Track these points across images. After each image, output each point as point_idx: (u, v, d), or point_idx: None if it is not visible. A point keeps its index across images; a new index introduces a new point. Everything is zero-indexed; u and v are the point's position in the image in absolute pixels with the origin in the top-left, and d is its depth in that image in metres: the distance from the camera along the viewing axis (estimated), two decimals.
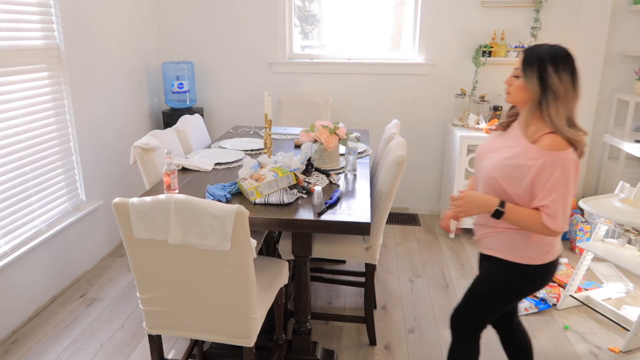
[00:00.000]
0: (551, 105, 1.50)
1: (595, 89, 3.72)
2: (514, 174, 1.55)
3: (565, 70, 1.51)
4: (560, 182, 1.47)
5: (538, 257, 1.60)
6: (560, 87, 1.50)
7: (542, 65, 1.53)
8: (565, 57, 1.54)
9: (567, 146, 1.48)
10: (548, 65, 1.52)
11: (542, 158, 1.48)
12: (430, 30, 3.82)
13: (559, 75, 1.50)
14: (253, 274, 1.68)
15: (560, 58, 1.53)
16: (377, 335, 2.52)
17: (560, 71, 1.51)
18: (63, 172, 2.96)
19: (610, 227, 2.68)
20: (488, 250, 1.70)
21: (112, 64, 3.41)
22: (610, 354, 2.42)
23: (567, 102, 1.51)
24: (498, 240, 1.65)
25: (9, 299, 2.53)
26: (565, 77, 1.50)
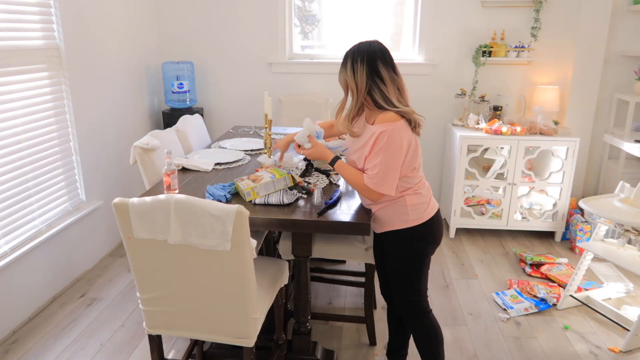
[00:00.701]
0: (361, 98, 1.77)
1: (595, 89, 3.72)
2: (359, 153, 1.81)
3: (362, 65, 1.73)
4: (387, 151, 1.68)
5: (419, 217, 1.82)
6: (353, 81, 1.74)
7: (344, 65, 1.80)
8: (363, 52, 1.76)
9: (399, 119, 1.71)
10: (348, 63, 1.78)
11: (374, 131, 1.72)
12: (430, 30, 3.82)
13: (354, 72, 1.74)
14: (253, 274, 1.68)
15: (358, 55, 1.76)
16: (377, 335, 2.52)
17: (357, 66, 1.74)
18: (63, 172, 2.96)
19: (610, 227, 2.68)
20: (381, 227, 1.89)
21: (112, 64, 3.41)
22: (610, 354, 2.42)
23: (383, 89, 1.72)
24: (383, 215, 1.86)
25: (9, 299, 2.53)
26: (361, 71, 1.73)
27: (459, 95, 3.81)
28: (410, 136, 1.74)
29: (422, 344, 1.99)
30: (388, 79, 1.73)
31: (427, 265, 1.91)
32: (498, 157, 3.60)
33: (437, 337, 1.97)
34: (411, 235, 1.84)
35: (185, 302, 1.76)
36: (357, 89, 1.75)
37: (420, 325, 1.96)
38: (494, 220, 3.65)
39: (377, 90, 1.72)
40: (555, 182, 3.54)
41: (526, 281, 3.05)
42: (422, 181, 1.87)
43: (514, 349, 2.46)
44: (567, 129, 3.70)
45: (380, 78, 1.72)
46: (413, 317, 1.97)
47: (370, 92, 1.74)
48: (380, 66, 1.72)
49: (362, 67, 1.72)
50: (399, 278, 1.92)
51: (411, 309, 1.95)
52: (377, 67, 1.72)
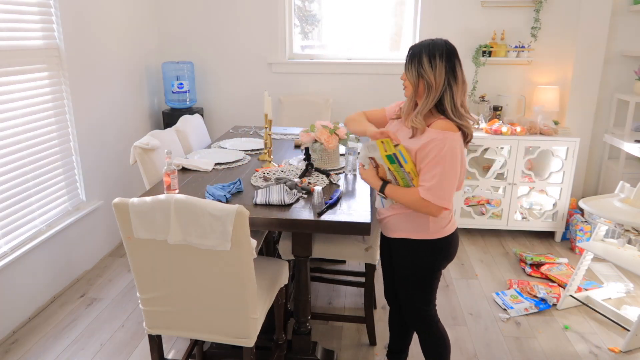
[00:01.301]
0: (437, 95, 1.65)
1: (595, 89, 3.72)
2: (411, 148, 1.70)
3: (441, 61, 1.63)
4: (442, 162, 1.60)
5: (440, 231, 1.76)
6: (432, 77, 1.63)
7: (419, 59, 1.66)
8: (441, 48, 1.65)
9: (455, 129, 1.63)
10: (424, 57, 1.65)
11: (435, 137, 1.61)
12: (430, 30, 3.81)
13: (432, 67, 1.63)
14: (253, 274, 1.68)
15: (436, 50, 1.64)
16: (377, 335, 2.52)
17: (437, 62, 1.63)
18: (63, 172, 2.96)
19: (610, 227, 2.68)
20: (395, 232, 1.82)
21: (112, 64, 3.41)
22: (610, 354, 2.42)
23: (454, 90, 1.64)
24: (404, 222, 1.78)
25: (9, 299, 2.53)
26: (440, 67, 1.63)
27: None
28: (463, 149, 1.68)
29: (429, 352, 1.97)
30: (460, 80, 1.66)
31: (438, 278, 1.87)
32: (498, 157, 3.60)
33: (445, 345, 1.95)
34: (427, 248, 1.78)
35: (185, 302, 1.76)
36: (435, 86, 1.64)
37: (428, 334, 1.94)
38: (494, 220, 3.65)
39: (449, 91, 1.64)
40: (555, 182, 3.54)
41: (526, 281, 3.05)
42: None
43: (514, 349, 2.46)
44: (567, 129, 3.70)
45: (455, 78, 1.64)
46: (421, 325, 1.94)
47: (443, 91, 1.64)
48: (457, 65, 1.66)
49: (441, 63, 1.62)
50: (409, 286, 1.88)
51: (419, 317, 1.92)
52: (454, 65, 1.64)
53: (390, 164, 1.69)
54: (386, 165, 1.71)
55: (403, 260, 1.85)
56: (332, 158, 2.45)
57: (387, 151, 1.67)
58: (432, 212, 1.65)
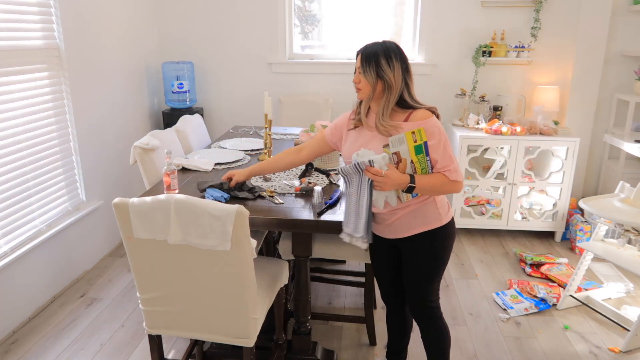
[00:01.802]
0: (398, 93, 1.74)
1: (595, 89, 3.72)
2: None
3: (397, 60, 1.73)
4: (445, 143, 1.71)
5: (445, 216, 1.82)
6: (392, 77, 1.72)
7: (377, 61, 1.73)
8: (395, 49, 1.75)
9: (431, 114, 1.74)
10: (381, 59, 1.72)
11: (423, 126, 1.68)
12: (430, 30, 3.82)
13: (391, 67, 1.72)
14: (253, 274, 1.68)
15: (391, 51, 1.74)
16: (377, 335, 2.52)
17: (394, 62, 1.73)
18: (63, 172, 2.96)
19: (610, 227, 2.68)
20: (407, 232, 1.81)
21: (112, 64, 3.41)
22: (610, 354, 2.42)
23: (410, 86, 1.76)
24: (412, 219, 1.79)
25: (9, 299, 2.53)
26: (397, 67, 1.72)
27: (459, 95, 3.81)
28: None
29: (432, 346, 1.97)
30: (411, 76, 1.78)
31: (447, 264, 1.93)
32: (498, 157, 3.60)
33: (448, 338, 1.96)
34: (444, 233, 1.82)
35: (185, 302, 1.76)
36: (394, 85, 1.73)
37: (435, 328, 1.94)
38: (494, 220, 3.65)
39: (406, 87, 1.75)
40: (555, 182, 3.54)
41: (526, 281, 3.05)
42: None
43: (514, 349, 2.46)
44: (567, 129, 3.70)
45: (409, 74, 1.76)
46: (428, 319, 1.94)
47: (402, 89, 1.75)
48: (408, 62, 1.77)
49: (397, 62, 1.73)
50: (422, 281, 1.87)
51: (427, 310, 1.92)
52: (407, 63, 1.76)
53: (416, 154, 1.69)
54: (410, 158, 1.69)
55: (421, 254, 1.84)
56: (332, 158, 2.45)
57: (418, 141, 1.67)
58: (458, 189, 1.76)
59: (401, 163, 1.71)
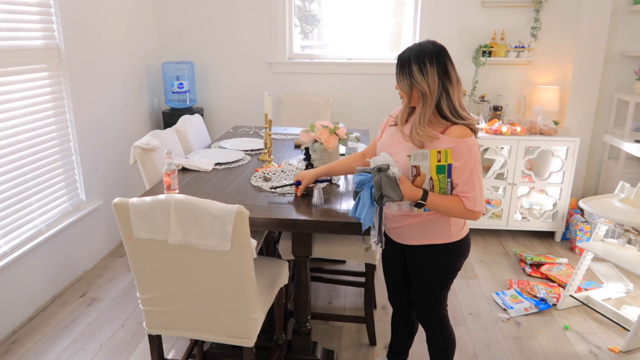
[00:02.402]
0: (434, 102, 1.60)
1: (595, 89, 3.72)
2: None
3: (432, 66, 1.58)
4: (473, 168, 1.58)
5: (459, 232, 1.75)
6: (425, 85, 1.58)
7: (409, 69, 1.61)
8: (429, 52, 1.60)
9: (470, 133, 1.60)
10: (414, 65, 1.60)
11: (455, 145, 1.58)
12: (430, 30, 3.81)
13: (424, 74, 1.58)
14: (253, 274, 1.68)
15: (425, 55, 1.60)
16: (377, 335, 2.52)
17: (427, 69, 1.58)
18: (63, 172, 2.96)
19: (610, 227, 2.68)
20: (413, 240, 1.77)
21: (112, 63, 3.41)
22: (610, 354, 2.42)
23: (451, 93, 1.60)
24: (422, 229, 1.74)
25: (9, 299, 2.53)
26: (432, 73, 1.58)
27: None
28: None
29: (437, 351, 1.95)
30: (455, 80, 1.62)
31: (455, 277, 1.87)
32: (498, 157, 3.60)
33: (454, 345, 1.93)
34: (451, 250, 1.76)
35: (185, 302, 1.76)
36: (429, 93, 1.59)
37: (442, 336, 1.91)
38: (494, 220, 3.65)
39: (445, 94, 1.60)
40: (555, 182, 3.54)
41: (526, 281, 3.05)
42: None
43: (514, 349, 2.46)
44: (567, 129, 3.70)
45: (450, 80, 1.60)
46: (434, 326, 1.91)
47: (439, 96, 1.60)
48: (449, 66, 1.61)
49: (432, 68, 1.58)
50: (427, 291, 1.85)
51: (434, 318, 1.90)
52: (446, 67, 1.60)
53: (437, 173, 1.62)
54: (429, 175, 1.63)
55: (425, 266, 1.80)
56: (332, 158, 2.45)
57: (442, 161, 1.59)
58: (473, 217, 1.64)
59: (419, 177, 1.64)
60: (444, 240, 1.74)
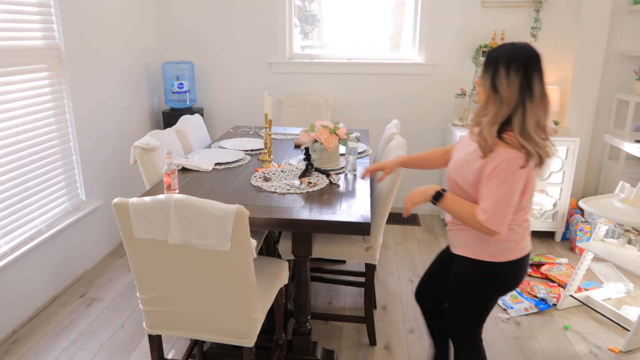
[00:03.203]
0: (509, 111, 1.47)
1: (595, 89, 3.72)
2: (465, 165, 1.58)
3: (517, 73, 1.45)
4: (502, 184, 1.46)
5: (501, 255, 1.59)
6: (505, 90, 1.46)
7: (495, 69, 1.49)
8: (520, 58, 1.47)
9: (521, 151, 1.44)
10: (500, 67, 1.48)
11: (499, 154, 1.46)
12: (430, 30, 3.82)
13: (508, 79, 1.46)
14: (253, 274, 1.68)
15: (515, 59, 1.47)
16: (377, 335, 2.52)
17: (511, 74, 1.46)
18: (63, 172, 2.96)
19: (610, 227, 2.68)
20: (454, 248, 1.73)
21: (112, 63, 3.41)
22: (610, 354, 2.42)
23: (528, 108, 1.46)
24: (462, 238, 1.67)
25: (9, 299, 2.53)
26: (514, 81, 1.45)
27: (459, 95, 3.81)
28: (530, 172, 1.50)
29: None
30: (538, 96, 1.46)
31: (494, 302, 1.71)
32: None
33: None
34: (483, 271, 1.63)
35: (185, 302, 1.76)
36: (507, 99, 1.47)
37: (468, 357, 1.77)
38: None
39: (522, 108, 1.45)
40: (555, 182, 3.54)
41: (526, 281, 3.05)
42: (521, 218, 1.60)
43: (514, 349, 2.46)
44: (567, 129, 3.70)
45: (531, 93, 1.45)
46: (463, 345, 1.78)
47: (514, 108, 1.46)
48: (536, 79, 1.46)
49: (516, 75, 1.45)
50: (458, 305, 1.74)
51: (462, 336, 1.77)
52: (532, 80, 1.45)
53: None
54: None
55: (458, 278, 1.70)
56: (332, 158, 2.45)
57: None
58: (487, 232, 1.53)
59: None
60: (478, 257, 1.61)
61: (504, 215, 1.48)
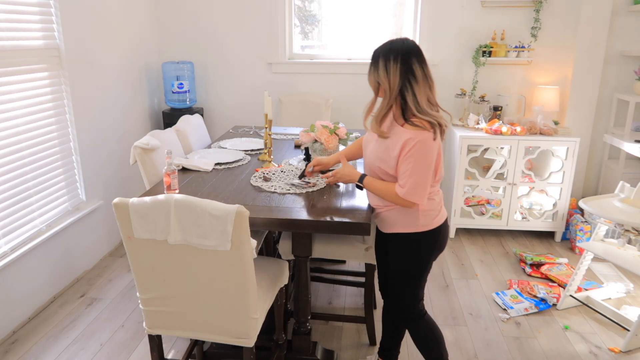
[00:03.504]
0: (393, 98, 1.71)
1: (595, 89, 3.72)
2: (385, 153, 1.76)
3: (396, 63, 1.67)
4: (417, 161, 1.66)
5: (429, 223, 1.81)
6: (387, 82, 1.68)
7: (376, 65, 1.72)
8: (397, 50, 1.68)
9: (428, 128, 1.65)
10: (381, 61, 1.70)
11: (410, 136, 1.66)
12: (430, 30, 3.82)
13: (387, 71, 1.68)
14: (253, 274, 1.68)
15: (392, 53, 1.68)
16: (377, 335, 2.52)
17: (391, 66, 1.67)
18: (63, 172, 2.96)
19: (610, 227, 2.68)
20: (387, 228, 1.88)
21: (112, 63, 3.41)
22: (610, 354, 2.42)
23: (416, 90, 1.67)
24: (392, 217, 1.84)
25: (9, 299, 2.53)
26: (395, 70, 1.67)
27: (459, 95, 3.81)
28: (438, 145, 1.71)
29: (421, 345, 2.00)
30: (421, 77, 1.68)
31: (428, 270, 1.92)
32: (498, 157, 3.60)
33: (435, 338, 1.97)
34: (418, 240, 1.83)
35: (185, 302, 1.76)
36: (390, 89, 1.69)
37: (417, 328, 1.97)
38: (494, 220, 3.65)
39: (410, 90, 1.67)
40: (555, 182, 3.54)
41: (526, 281, 3.05)
42: (437, 188, 1.85)
43: (514, 349, 2.46)
44: (567, 129, 3.70)
45: (414, 76, 1.67)
46: (407, 320, 1.98)
47: (402, 92, 1.68)
48: (415, 64, 1.67)
49: (395, 65, 1.66)
50: (399, 280, 1.92)
51: (406, 311, 1.96)
52: (411, 65, 1.67)
53: None
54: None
55: (397, 254, 1.89)
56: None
57: None
58: (406, 205, 1.75)
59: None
60: (412, 230, 1.81)
61: (423, 188, 1.70)
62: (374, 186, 1.82)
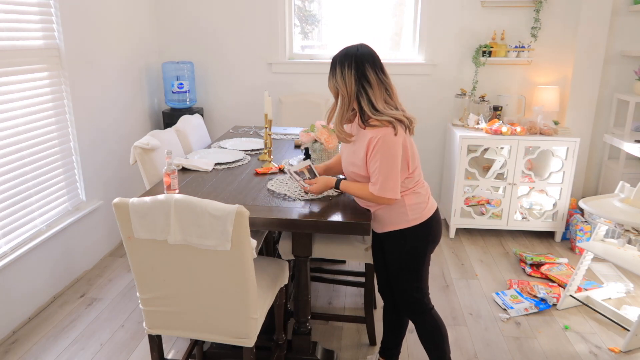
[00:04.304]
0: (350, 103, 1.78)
1: (595, 89, 3.72)
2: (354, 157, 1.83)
3: (350, 70, 1.74)
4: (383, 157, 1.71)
5: (420, 217, 1.86)
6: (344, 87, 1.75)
7: (333, 72, 1.79)
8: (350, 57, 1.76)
9: (387, 126, 1.71)
10: (337, 68, 1.77)
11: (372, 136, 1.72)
12: (430, 30, 3.82)
13: (344, 77, 1.75)
14: (253, 274, 1.68)
15: (346, 60, 1.76)
16: (377, 335, 2.52)
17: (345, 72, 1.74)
18: (63, 172, 2.96)
19: (610, 227, 2.68)
20: (380, 227, 1.92)
21: (112, 63, 3.41)
22: (610, 354, 2.42)
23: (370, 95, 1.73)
24: (381, 216, 1.89)
25: (9, 299, 2.53)
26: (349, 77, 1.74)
27: (459, 95, 3.81)
28: (403, 138, 1.75)
29: (426, 340, 2.02)
30: (375, 82, 1.74)
31: (427, 263, 1.94)
32: (498, 157, 3.60)
33: (441, 333, 2.00)
34: (411, 235, 1.87)
35: (185, 302, 1.76)
36: (347, 94, 1.76)
37: (424, 322, 1.99)
38: (494, 220, 3.65)
39: (364, 95, 1.74)
40: (555, 182, 3.54)
41: (526, 281, 3.05)
42: (420, 181, 1.89)
43: (514, 349, 2.46)
44: (567, 129, 3.70)
45: (368, 82, 1.74)
46: (415, 314, 1.99)
47: (357, 97, 1.75)
48: (369, 70, 1.74)
49: (349, 71, 1.74)
50: (401, 276, 1.94)
51: (413, 306, 1.97)
52: (365, 71, 1.74)
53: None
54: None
55: (393, 252, 1.92)
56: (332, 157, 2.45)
57: None
58: (385, 202, 1.79)
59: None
60: (402, 226, 1.85)
61: (393, 183, 1.74)
62: (350, 189, 1.88)
